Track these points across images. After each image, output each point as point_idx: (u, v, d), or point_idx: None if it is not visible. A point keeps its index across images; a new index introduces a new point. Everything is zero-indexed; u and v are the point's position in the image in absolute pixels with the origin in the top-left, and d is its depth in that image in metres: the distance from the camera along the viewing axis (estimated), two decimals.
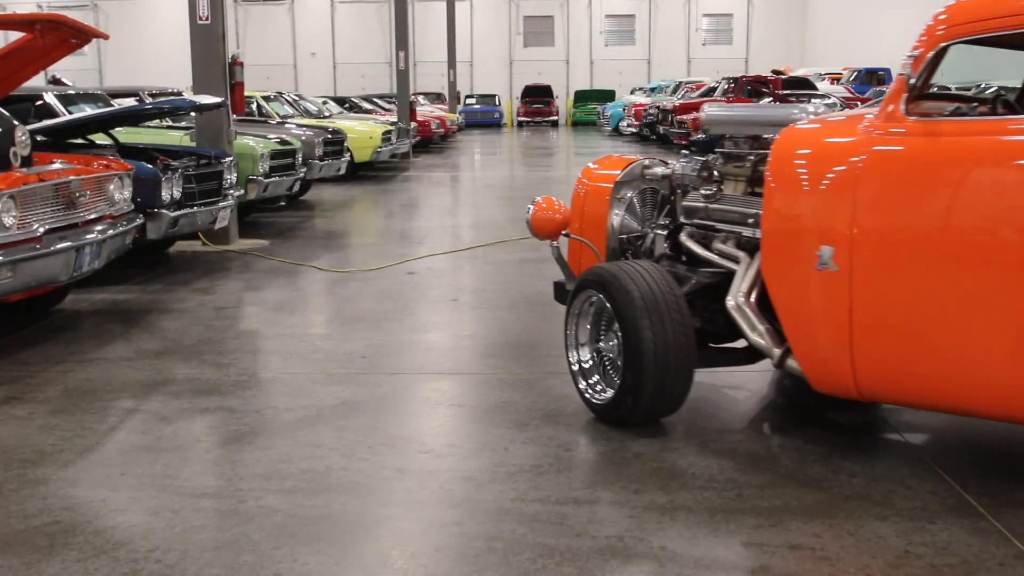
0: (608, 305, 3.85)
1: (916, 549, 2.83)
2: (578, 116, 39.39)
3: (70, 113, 8.34)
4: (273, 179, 10.20)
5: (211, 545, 2.90)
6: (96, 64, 44.40)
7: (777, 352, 3.63)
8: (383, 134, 16.61)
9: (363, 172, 17.23)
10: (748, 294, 3.78)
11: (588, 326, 4.11)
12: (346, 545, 2.91)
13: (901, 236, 3.17)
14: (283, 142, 10.95)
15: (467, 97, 40.34)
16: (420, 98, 31.28)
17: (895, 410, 4.05)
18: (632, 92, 35.88)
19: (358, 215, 11.80)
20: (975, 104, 3.70)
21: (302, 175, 11.19)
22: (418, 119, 22.98)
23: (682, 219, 4.37)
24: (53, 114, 8.25)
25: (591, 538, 2.92)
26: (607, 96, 38.92)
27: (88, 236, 5.34)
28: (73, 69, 35.38)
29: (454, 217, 11.34)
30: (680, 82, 29.75)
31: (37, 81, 11.02)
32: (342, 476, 3.43)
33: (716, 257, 4.08)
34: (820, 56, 37.16)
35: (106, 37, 6.82)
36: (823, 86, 24.05)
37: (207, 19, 8.83)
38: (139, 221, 6.23)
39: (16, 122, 5.53)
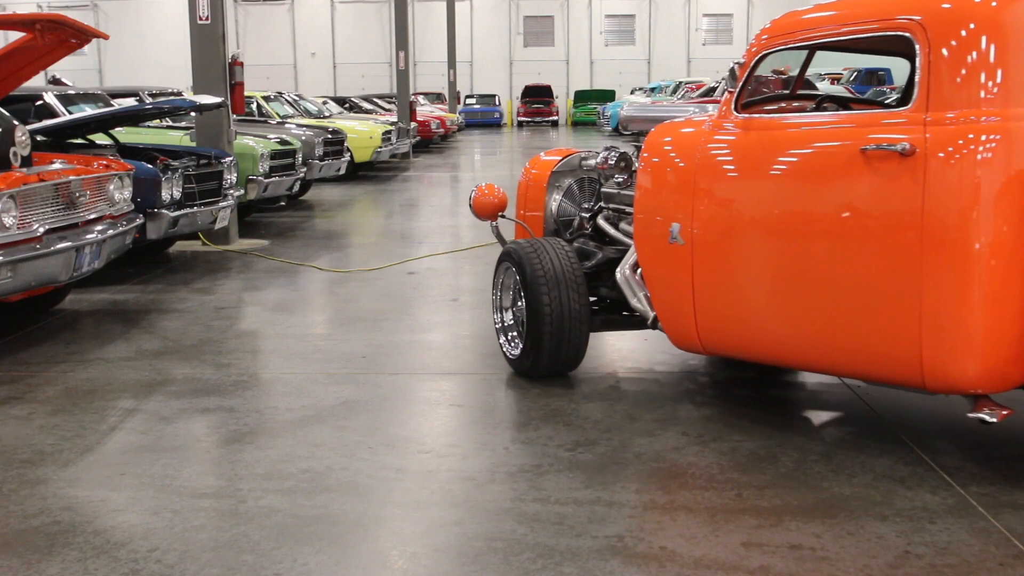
0: (518, 276, 4.49)
1: (916, 549, 2.83)
2: (578, 116, 39.37)
3: (70, 113, 8.34)
4: (273, 179, 10.20)
5: (211, 545, 2.90)
6: (96, 64, 44.41)
7: (651, 315, 4.28)
8: (383, 134, 16.61)
9: (363, 172, 17.23)
10: (634, 267, 4.40)
11: (510, 292, 4.74)
12: (346, 545, 2.91)
13: (723, 213, 3.83)
14: (283, 142, 10.95)
15: (467, 97, 40.35)
16: (420, 98, 31.30)
17: (895, 411, 4.05)
18: (632, 92, 35.87)
19: (358, 215, 11.80)
20: (815, 102, 4.35)
21: (302, 175, 11.20)
22: (418, 119, 22.98)
23: (602, 203, 4.98)
24: (53, 114, 8.25)
25: (591, 538, 2.92)
26: (607, 96, 38.91)
27: (88, 236, 5.34)
28: (73, 69, 35.40)
29: (454, 217, 11.34)
30: (680, 82, 29.73)
31: (37, 81, 11.03)
32: (342, 476, 3.43)
33: (621, 236, 4.71)
34: (820, 56, 37.13)
35: (106, 37, 6.82)
36: (823, 86, 24.05)
37: (207, 19, 8.84)
38: (139, 221, 6.23)
39: (16, 122, 5.53)
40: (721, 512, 3.09)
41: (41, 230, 4.99)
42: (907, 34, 3.33)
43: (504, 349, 4.75)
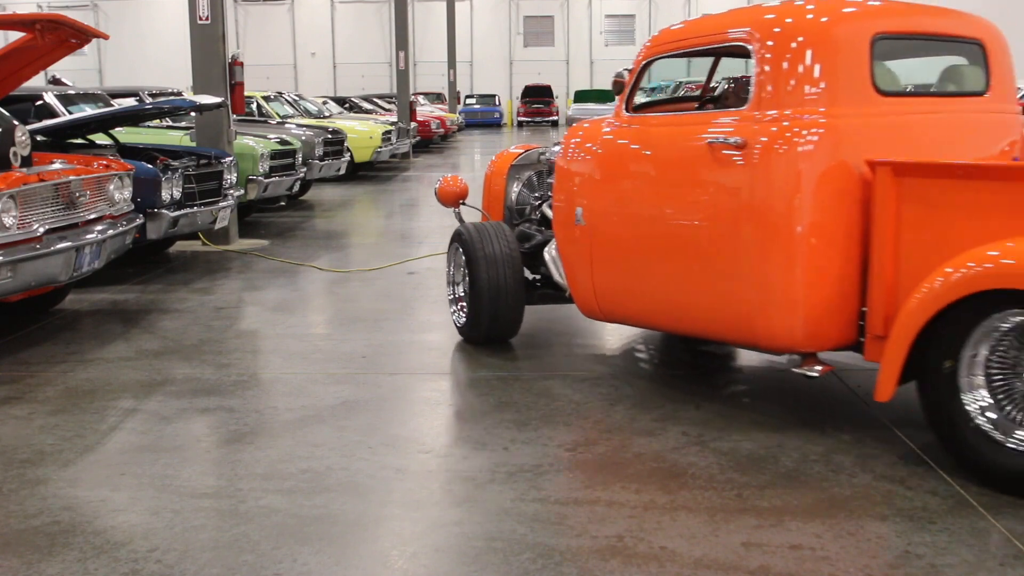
0: (463, 256, 5.14)
1: (916, 549, 2.83)
2: None
3: (70, 113, 8.34)
4: (273, 179, 10.20)
5: (211, 545, 2.90)
6: (96, 64, 44.42)
7: (567, 289, 4.88)
8: (383, 134, 16.61)
9: (363, 172, 17.23)
10: (558, 247, 4.94)
11: (460, 269, 5.30)
12: (346, 545, 2.91)
13: (610, 198, 4.45)
14: (283, 142, 10.95)
15: (467, 97, 40.34)
16: (420, 98, 31.29)
17: (895, 411, 4.05)
18: None
19: (358, 215, 11.80)
20: (700, 101, 4.95)
21: (302, 175, 11.20)
22: (418, 119, 22.98)
23: (549, 193, 5.42)
24: (53, 114, 8.25)
25: (591, 538, 2.92)
26: (607, 96, 38.90)
27: (88, 236, 5.34)
28: (73, 69, 35.41)
29: (454, 217, 11.33)
30: (680, 82, 29.72)
31: (37, 81, 11.03)
32: (342, 476, 3.43)
33: None
34: None
35: (106, 37, 6.82)
36: None
37: (207, 19, 8.84)
38: (139, 221, 6.22)
39: (16, 122, 5.53)
40: (721, 512, 3.09)
41: (41, 230, 4.99)
42: (746, 45, 3.94)
43: (454, 318, 5.41)
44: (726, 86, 5.51)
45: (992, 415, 3.26)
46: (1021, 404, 3.24)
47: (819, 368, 3.77)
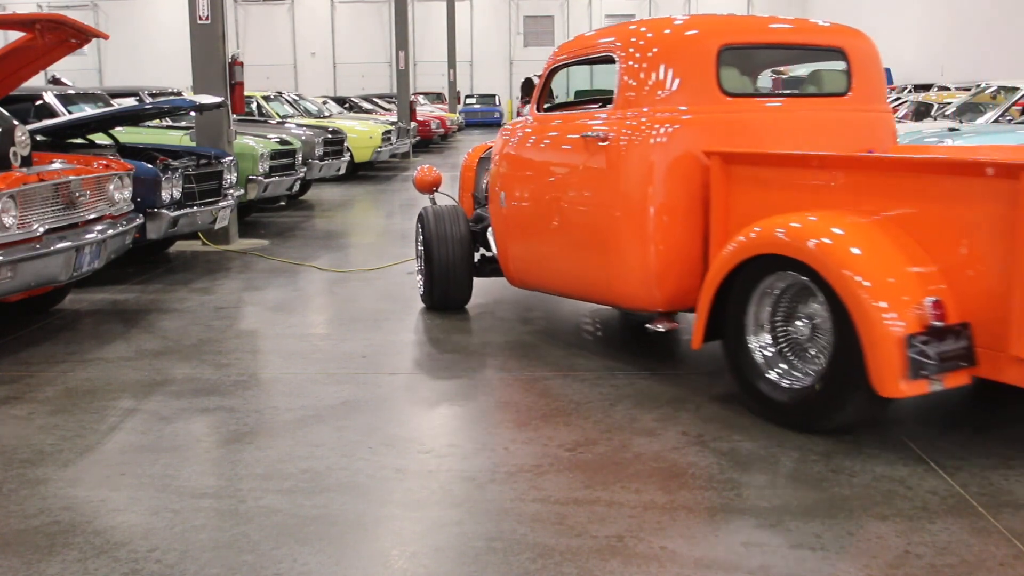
0: (422, 235, 5.97)
1: (916, 549, 2.83)
2: None
3: (70, 113, 8.34)
4: (273, 179, 10.20)
5: (211, 545, 2.90)
6: (96, 64, 44.42)
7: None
8: (383, 134, 16.61)
9: (363, 172, 17.24)
10: None
11: (420, 246, 6.10)
12: (346, 545, 2.91)
13: (519, 184, 5.28)
14: (283, 142, 10.95)
15: (467, 97, 40.33)
16: (420, 98, 31.29)
17: (895, 410, 4.05)
18: None
19: (358, 215, 11.80)
20: (594, 102, 5.51)
21: (302, 175, 11.19)
22: (418, 119, 22.98)
23: None
24: (53, 114, 8.25)
25: (591, 538, 2.92)
26: (607, 96, 38.87)
27: (88, 236, 5.34)
28: (73, 69, 35.42)
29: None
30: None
31: (37, 81, 11.03)
32: (342, 476, 3.43)
33: None
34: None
35: (106, 37, 6.82)
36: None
37: (207, 19, 8.83)
38: (139, 221, 6.22)
39: (16, 122, 5.53)
40: (721, 512, 3.09)
41: (41, 230, 4.98)
42: (612, 55, 4.75)
43: (419, 287, 6.31)
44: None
45: (768, 353, 3.98)
46: (790, 347, 3.94)
47: (666, 325, 4.60)
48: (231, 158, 8.41)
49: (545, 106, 5.37)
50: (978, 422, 3.93)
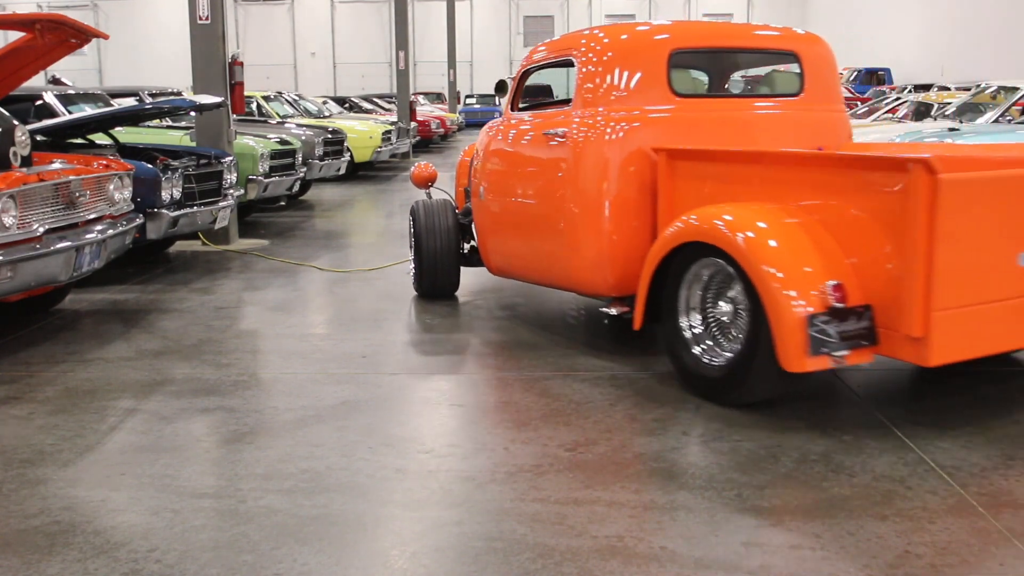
0: (413, 227, 6.34)
1: (916, 549, 2.83)
2: None
3: (70, 113, 8.34)
4: (273, 179, 10.20)
5: (211, 545, 2.90)
6: (96, 64, 44.43)
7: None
8: (383, 134, 16.61)
9: (363, 172, 17.24)
10: None
11: (411, 238, 6.46)
12: (346, 545, 2.91)
13: (494, 178, 5.63)
14: (283, 142, 10.95)
15: (467, 97, 40.32)
16: (420, 98, 31.29)
17: (894, 410, 4.05)
18: None
19: (358, 215, 11.80)
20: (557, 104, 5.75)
21: (302, 175, 11.19)
22: (418, 119, 22.98)
23: None
24: (53, 114, 8.25)
25: (591, 538, 2.92)
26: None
27: (88, 236, 5.34)
28: (73, 69, 35.42)
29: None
30: None
31: (37, 81, 11.03)
32: (342, 476, 3.43)
33: None
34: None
35: (106, 37, 6.82)
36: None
37: (207, 19, 8.83)
38: (139, 221, 6.22)
39: (16, 122, 5.53)
40: (721, 512, 3.09)
41: (41, 230, 4.98)
42: (572, 59, 5.09)
43: (411, 276, 6.62)
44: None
45: (696, 331, 4.29)
46: (719, 327, 4.23)
47: (618, 309, 4.90)
48: (231, 158, 8.41)
49: (521, 105, 5.68)
50: (978, 422, 3.93)
